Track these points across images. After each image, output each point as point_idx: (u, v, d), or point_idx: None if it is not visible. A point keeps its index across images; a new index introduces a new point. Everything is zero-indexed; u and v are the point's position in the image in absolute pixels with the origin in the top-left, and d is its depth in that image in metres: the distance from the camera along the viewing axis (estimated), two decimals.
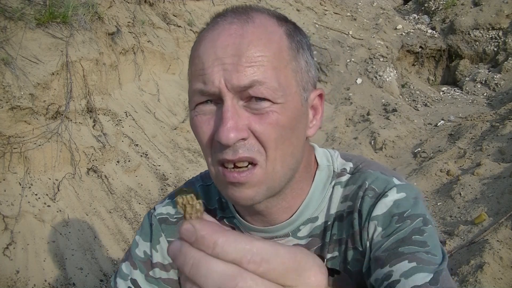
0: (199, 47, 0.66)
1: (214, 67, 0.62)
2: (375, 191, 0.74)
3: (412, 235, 0.68)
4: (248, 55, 0.61)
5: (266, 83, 0.61)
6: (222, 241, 0.33)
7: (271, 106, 0.62)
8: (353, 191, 0.76)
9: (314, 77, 0.71)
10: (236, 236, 0.34)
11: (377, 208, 0.72)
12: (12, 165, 2.44)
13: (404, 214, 0.71)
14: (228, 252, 0.33)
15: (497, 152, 3.67)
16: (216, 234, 0.34)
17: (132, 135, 3.26)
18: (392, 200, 0.72)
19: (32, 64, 2.67)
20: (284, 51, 0.65)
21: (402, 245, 0.67)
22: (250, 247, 0.33)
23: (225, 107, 0.62)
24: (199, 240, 0.34)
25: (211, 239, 0.34)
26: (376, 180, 0.75)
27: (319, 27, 6.49)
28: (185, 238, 0.35)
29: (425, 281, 0.62)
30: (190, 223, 0.35)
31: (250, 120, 0.62)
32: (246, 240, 0.34)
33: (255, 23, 0.64)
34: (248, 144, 0.63)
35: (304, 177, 0.75)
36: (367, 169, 0.77)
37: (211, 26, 0.67)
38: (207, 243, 0.34)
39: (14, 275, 2.10)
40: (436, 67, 7.01)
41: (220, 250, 0.33)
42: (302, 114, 0.67)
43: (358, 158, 0.81)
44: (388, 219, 0.71)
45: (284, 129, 0.64)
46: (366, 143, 4.46)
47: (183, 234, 0.35)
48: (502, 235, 2.48)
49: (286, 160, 0.66)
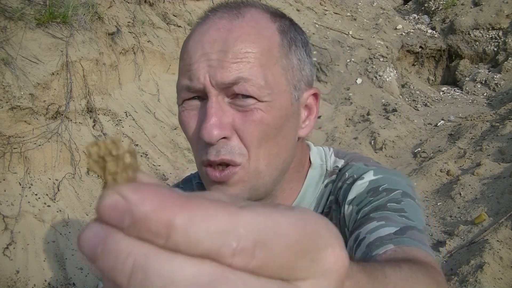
0: (188, 41, 0.65)
1: (200, 62, 0.61)
2: (353, 177, 0.71)
3: (387, 203, 0.64)
4: (234, 50, 0.59)
5: (252, 80, 0.59)
6: (183, 220, 0.19)
7: (256, 103, 0.60)
8: (335, 185, 0.74)
9: (309, 76, 0.68)
10: (207, 207, 0.20)
11: (352, 191, 0.69)
12: (12, 165, 2.44)
13: (380, 188, 0.67)
14: (197, 240, 0.20)
15: (497, 152, 3.67)
16: (170, 208, 0.20)
17: (132, 135, 3.27)
18: (368, 181, 0.69)
19: (32, 64, 2.67)
20: (274, 48, 0.62)
21: (375, 211, 0.64)
22: (233, 224, 0.20)
23: (209, 104, 0.60)
24: (139, 223, 0.20)
25: (163, 218, 0.20)
26: (356, 169, 0.73)
27: (319, 27, 6.49)
28: (110, 220, 0.20)
29: (389, 232, 0.59)
30: (117, 192, 0.20)
31: (234, 117, 0.61)
32: (224, 212, 0.20)
33: (245, 18, 0.62)
34: (230, 146, 0.61)
35: (295, 177, 0.73)
36: (352, 163, 0.75)
37: (202, 21, 0.66)
38: (156, 227, 0.20)
39: (14, 275, 2.10)
40: (436, 67, 7.01)
41: (181, 237, 0.19)
42: (292, 113, 0.65)
43: (352, 155, 0.79)
44: (363, 196, 0.68)
45: (269, 127, 0.62)
46: (366, 143, 4.46)
47: (105, 213, 0.20)
48: (502, 235, 2.48)
49: (271, 160, 0.64)
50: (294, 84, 0.65)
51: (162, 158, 3.32)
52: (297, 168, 0.73)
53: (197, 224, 0.20)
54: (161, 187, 0.21)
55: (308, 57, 0.69)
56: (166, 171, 3.23)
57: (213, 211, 0.20)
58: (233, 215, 0.20)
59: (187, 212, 0.20)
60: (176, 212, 0.20)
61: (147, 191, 0.20)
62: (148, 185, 0.21)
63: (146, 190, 0.20)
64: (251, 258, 0.20)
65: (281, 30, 0.65)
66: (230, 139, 0.61)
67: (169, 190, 0.21)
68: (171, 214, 0.20)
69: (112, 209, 0.20)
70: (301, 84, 0.66)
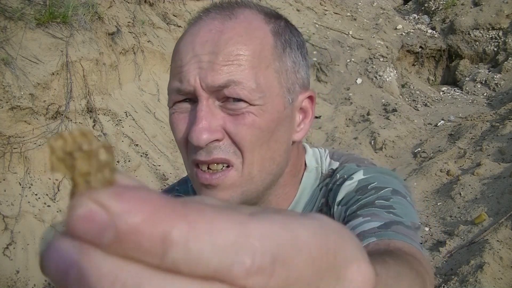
0: (180, 43, 0.63)
1: (190, 64, 0.59)
2: (343, 178, 0.70)
3: (375, 200, 0.62)
4: (225, 52, 0.58)
5: (243, 83, 0.58)
6: (182, 233, 0.16)
7: (248, 107, 0.58)
8: (327, 187, 0.72)
9: (304, 78, 0.66)
10: (210, 215, 0.16)
11: (341, 192, 0.67)
12: (12, 165, 2.44)
13: (368, 187, 0.66)
14: (201, 258, 0.16)
15: (497, 152, 3.67)
16: (166, 218, 0.16)
17: (132, 135, 3.27)
18: (357, 180, 0.67)
19: (32, 64, 2.67)
20: (266, 50, 0.61)
21: (362, 208, 0.62)
22: (245, 236, 0.16)
23: (199, 107, 0.59)
24: (125, 238, 0.16)
25: (157, 231, 0.16)
26: (347, 170, 0.71)
27: (319, 27, 6.49)
28: (85, 235, 0.16)
29: (373, 226, 0.57)
30: (93, 198, 0.16)
31: (225, 121, 0.59)
32: (232, 221, 0.17)
33: (238, 19, 0.61)
34: (223, 146, 0.59)
35: (289, 182, 0.71)
36: (344, 164, 0.73)
37: (194, 22, 0.64)
38: (149, 243, 0.16)
39: (14, 275, 2.10)
40: (436, 67, 7.01)
41: (181, 254, 0.16)
42: (285, 117, 0.63)
43: (347, 156, 0.77)
44: (351, 195, 0.66)
45: (261, 131, 0.60)
46: (366, 143, 4.46)
47: (79, 226, 0.16)
48: (502, 235, 2.49)
49: (264, 164, 0.62)
50: (287, 87, 0.63)
51: (162, 158, 3.32)
52: (292, 173, 0.71)
53: (200, 237, 0.16)
54: (149, 191, 0.17)
55: (304, 59, 0.67)
56: (166, 171, 3.23)
57: (218, 221, 0.16)
58: (243, 224, 0.16)
59: (187, 222, 0.16)
60: (173, 223, 0.16)
61: (133, 197, 0.16)
62: (133, 189, 0.17)
63: (132, 195, 0.16)
64: (269, 278, 0.16)
65: (275, 32, 0.63)
66: (222, 141, 0.59)
67: (160, 195, 0.17)
68: (167, 226, 0.16)
69: (87, 222, 0.16)
70: (296, 87, 0.65)
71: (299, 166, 0.73)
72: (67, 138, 0.18)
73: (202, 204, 0.17)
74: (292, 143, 0.67)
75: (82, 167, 0.17)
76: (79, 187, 0.17)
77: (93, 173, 0.17)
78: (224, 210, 0.17)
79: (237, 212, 0.17)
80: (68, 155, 0.18)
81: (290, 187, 0.71)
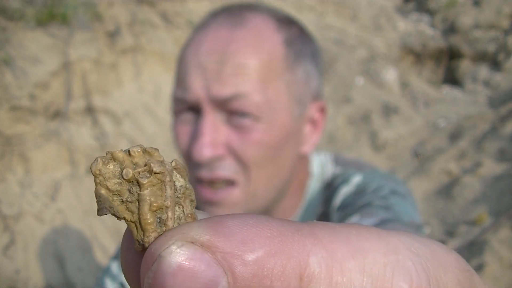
0: (185, 50, 0.60)
1: (195, 73, 0.56)
2: (341, 184, 0.67)
3: (374, 201, 0.60)
4: (233, 63, 0.54)
5: (250, 96, 0.54)
6: (321, 260, 0.13)
7: (255, 123, 0.55)
8: (327, 194, 0.69)
9: (317, 89, 0.62)
10: (340, 233, 0.14)
11: (341, 197, 0.64)
12: (12, 165, 2.44)
13: (367, 189, 0.63)
14: (351, 285, 0.13)
15: (498, 152, 3.66)
16: (294, 244, 0.12)
17: (132, 135, 3.26)
18: (355, 184, 0.65)
19: (32, 64, 2.67)
20: (276, 61, 0.57)
21: (360, 209, 0.59)
22: (394, 254, 0.14)
23: (202, 120, 0.55)
24: (246, 284, 0.12)
25: (289, 264, 0.12)
26: (346, 176, 0.68)
27: (319, 27, 6.49)
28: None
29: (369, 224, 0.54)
30: (188, 237, 0.12)
31: (229, 137, 0.55)
32: (371, 236, 0.14)
33: (247, 27, 0.57)
34: (227, 163, 0.56)
35: (295, 194, 0.68)
36: (345, 170, 0.71)
37: (201, 27, 0.60)
38: (280, 282, 0.12)
39: (14, 275, 2.10)
40: (436, 67, 7.01)
41: (326, 285, 0.13)
42: (293, 131, 0.59)
43: (349, 161, 0.74)
44: (349, 199, 0.63)
45: (268, 149, 0.56)
46: (366, 143, 4.46)
47: (179, 281, 0.12)
48: (503, 235, 2.48)
49: (270, 181, 0.59)
50: (297, 99, 0.59)
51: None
52: (298, 185, 0.68)
53: (343, 262, 0.13)
54: (250, 214, 0.13)
55: (317, 68, 0.63)
56: None
57: (354, 240, 0.13)
58: (382, 239, 0.14)
59: (321, 246, 0.12)
60: (306, 249, 0.12)
61: (239, 225, 0.12)
62: (228, 216, 0.13)
63: (236, 223, 0.12)
64: None
65: (287, 41, 0.59)
66: (225, 158, 0.56)
67: (268, 217, 0.13)
68: (302, 254, 0.12)
69: (187, 276, 0.12)
70: (306, 98, 0.61)
71: (304, 177, 0.70)
72: (123, 159, 0.12)
73: (322, 224, 0.14)
74: (299, 156, 0.64)
75: (155, 200, 0.12)
76: (148, 231, 0.11)
77: (170, 207, 0.12)
78: (350, 226, 0.14)
79: (367, 228, 0.14)
80: (127, 182, 0.12)
81: (295, 199, 0.68)
